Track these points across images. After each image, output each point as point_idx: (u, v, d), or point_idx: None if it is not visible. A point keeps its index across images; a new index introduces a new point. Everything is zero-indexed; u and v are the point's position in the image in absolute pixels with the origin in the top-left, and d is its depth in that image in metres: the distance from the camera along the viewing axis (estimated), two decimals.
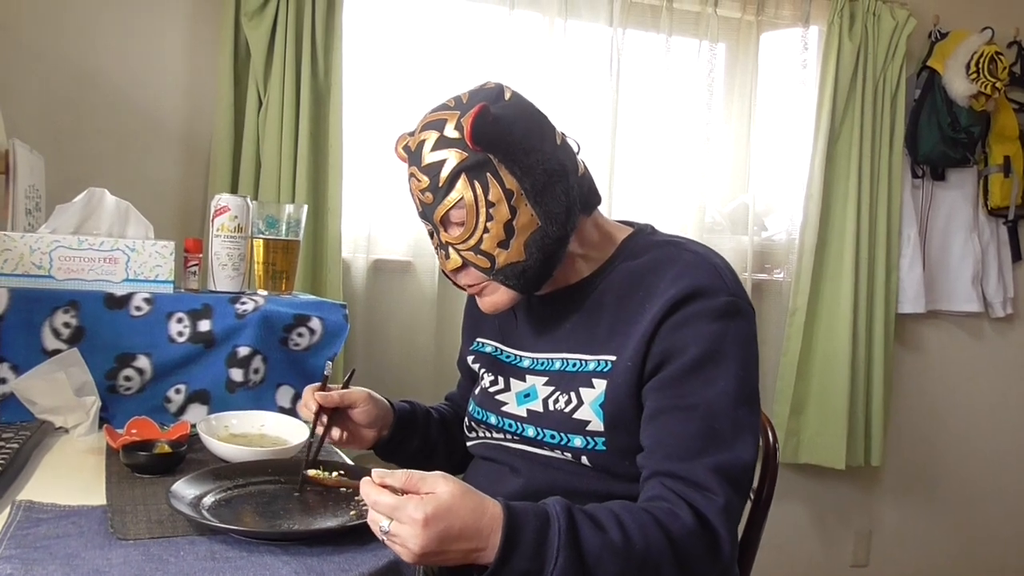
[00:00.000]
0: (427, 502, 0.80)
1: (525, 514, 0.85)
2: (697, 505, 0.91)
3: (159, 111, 2.05)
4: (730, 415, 0.96)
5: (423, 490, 0.82)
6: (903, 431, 2.79)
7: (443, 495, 0.82)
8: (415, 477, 0.83)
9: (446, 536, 0.81)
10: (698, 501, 0.91)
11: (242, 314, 1.44)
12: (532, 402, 1.11)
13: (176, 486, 0.97)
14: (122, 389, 1.38)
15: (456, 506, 0.81)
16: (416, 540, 0.80)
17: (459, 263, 1.06)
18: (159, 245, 1.42)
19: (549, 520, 0.85)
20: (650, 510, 0.91)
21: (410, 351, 2.23)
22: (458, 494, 0.82)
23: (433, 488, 0.82)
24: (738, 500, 0.94)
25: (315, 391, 1.13)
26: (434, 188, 1.02)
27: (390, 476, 0.84)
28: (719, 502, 0.91)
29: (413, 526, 0.80)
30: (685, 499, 0.92)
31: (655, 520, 0.89)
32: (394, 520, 0.82)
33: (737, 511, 0.94)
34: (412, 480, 0.83)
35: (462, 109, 1.01)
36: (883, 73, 2.52)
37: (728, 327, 0.99)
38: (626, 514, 0.89)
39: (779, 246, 2.58)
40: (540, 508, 0.87)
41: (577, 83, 2.34)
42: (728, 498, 0.92)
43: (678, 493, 0.92)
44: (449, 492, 0.82)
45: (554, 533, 0.84)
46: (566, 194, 1.04)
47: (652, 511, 0.90)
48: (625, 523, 0.88)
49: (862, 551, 2.82)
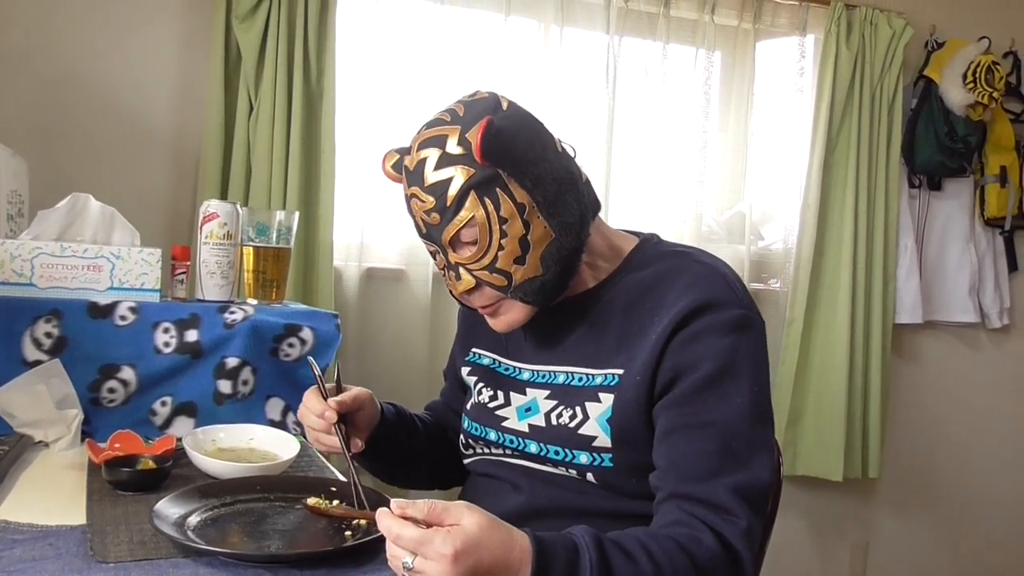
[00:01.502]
0: (455, 535, 0.75)
1: (554, 546, 0.80)
2: (719, 529, 0.88)
3: (148, 115, 2.00)
4: (746, 433, 0.93)
5: (447, 522, 0.77)
6: (900, 442, 2.77)
7: (470, 527, 0.76)
8: (438, 508, 0.77)
9: (475, 572, 0.75)
10: (719, 525, 0.88)
11: (231, 324, 1.39)
12: (534, 416, 1.08)
13: (160, 505, 0.92)
14: (106, 402, 1.33)
15: (485, 539, 0.76)
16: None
17: (472, 283, 1.02)
18: (145, 252, 1.38)
19: (579, 552, 0.81)
20: (674, 536, 0.87)
21: (404, 361, 2.19)
22: (486, 526, 0.77)
23: (458, 520, 0.76)
24: (758, 522, 0.92)
25: (320, 396, 1.06)
26: (441, 208, 0.98)
27: (411, 507, 0.77)
28: (741, 525, 0.89)
29: (441, 562, 0.74)
30: (706, 523, 0.89)
31: (680, 546, 0.86)
32: (419, 556, 0.75)
33: (758, 533, 0.92)
34: (436, 511, 0.77)
35: (461, 124, 0.98)
36: (880, 82, 2.51)
37: (741, 341, 0.96)
38: (652, 542, 0.86)
39: (776, 255, 2.56)
40: (568, 540, 0.83)
41: (573, 91, 2.31)
42: (749, 520, 0.89)
43: (698, 517, 0.89)
44: (476, 524, 0.76)
45: (585, 565, 0.80)
46: (577, 202, 1.01)
47: (676, 537, 0.87)
48: (653, 551, 0.85)
49: (859, 564, 2.79)
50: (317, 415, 1.05)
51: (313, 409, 1.06)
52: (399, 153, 1.07)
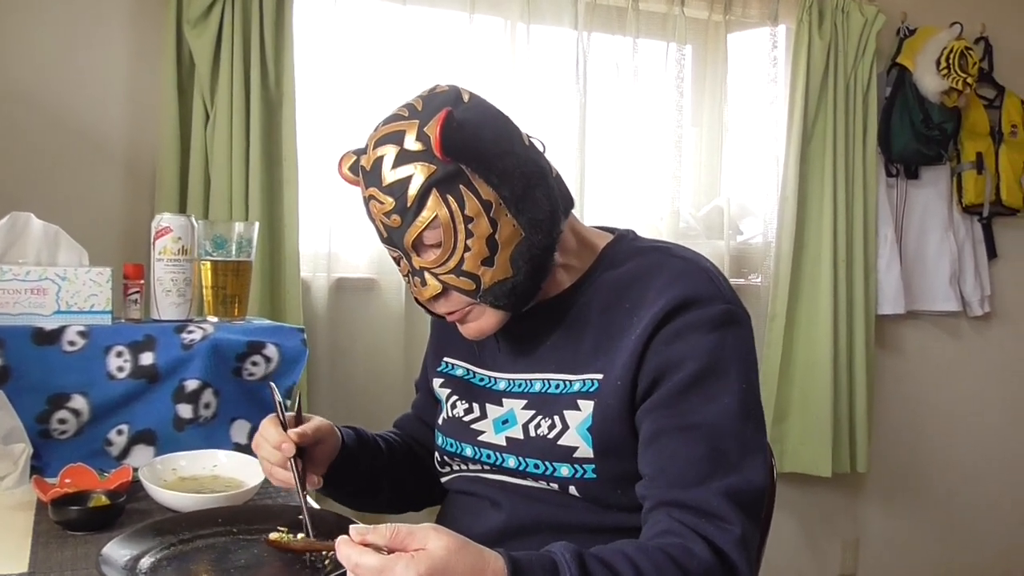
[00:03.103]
0: (419, 560, 0.69)
1: (531, 566, 0.74)
2: (712, 538, 0.82)
3: (98, 127, 1.91)
4: (736, 434, 0.88)
5: (412, 546, 0.71)
6: (886, 435, 2.73)
7: (437, 551, 0.70)
8: (402, 532, 0.71)
9: None
10: (712, 533, 0.83)
11: (189, 344, 1.31)
12: (511, 429, 1.01)
13: (108, 548, 0.84)
14: (56, 433, 1.24)
15: (453, 563, 0.70)
16: None
17: (438, 289, 0.95)
18: (94, 272, 1.29)
19: (558, 570, 0.75)
20: (664, 548, 0.81)
21: (377, 374, 2.11)
22: (454, 548, 0.71)
23: (423, 543, 0.71)
24: (753, 528, 0.86)
25: (278, 426, 0.98)
26: (401, 209, 0.92)
27: (372, 532, 0.71)
28: (735, 532, 0.83)
29: None
30: (698, 532, 0.83)
31: (671, 560, 0.80)
32: None
33: (753, 540, 0.86)
34: (399, 536, 0.71)
35: (420, 118, 0.92)
36: (854, 71, 2.47)
37: (726, 337, 0.91)
38: (640, 555, 0.80)
39: (755, 250, 2.52)
40: (546, 558, 0.76)
41: (543, 89, 2.25)
42: (744, 527, 0.83)
43: (689, 525, 0.83)
44: (444, 547, 0.70)
45: None
46: (547, 197, 0.95)
47: (666, 549, 0.81)
48: (640, 565, 0.78)
49: (850, 559, 2.76)
50: (274, 446, 0.96)
51: (270, 439, 0.97)
52: (356, 154, 1.01)
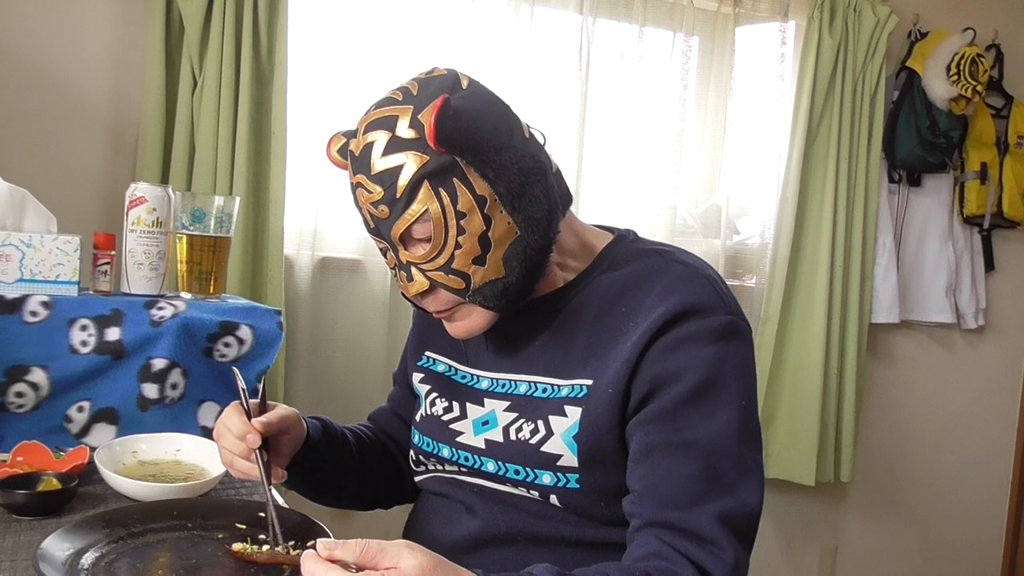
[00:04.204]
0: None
1: None
2: (701, 563, 0.78)
3: (79, 90, 1.83)
4: (733, 453, 0.83)
5: (383, 565, 0.66)
6: (872, 445, 2.70)
7: (409, 570, 0.65)
8: (372, 549, 0.66)
9: None
10: (702, 558, 0.78)
11: (158, 321, 1.25)
12: (491, 431, 0.96)
13: (49, 541, 0.79)
14: (13, 407, 1.18)
15: None
16: None
17: (426, 286, 0.90)
18: (61, 240, 1.23)
19: None
20: (649, 572, 0.77)
21: (358, 359, 2.05)
22: (428, 568, 0.66)
23: (396, 562, 0.65)
24: (746, 554, 0.81)
25: (242, 414, 0.92)
26: (390, 200, 0.86)
27: (340, 548, 0.66)
28: (727, 559, 0.78)
29: None
30: (687, 556, 0.78)
31: None
32: None
33: (745, 568, 0.81)
34: (368, 552, 0.66)
35: (415, 103, 0.86)
36: (863, 72, 2.42)
37: (727, 350, 0.86)
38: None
39: (752, 251, 2.46)
40: None
41: (544, 74, 2.19)
42: (736, 553, 0.79)
43: (679, 549, 0.79)
44: (417, 565, 0.65)
45: None
46: (546, 195, 0.89)
47: (651, 573, 0.77)
48: None
49: (827, 568, 2.73)
50: (238, 436, 0.90)
51: (233, 429, 0.91)
52: (346, 136, 0.95)
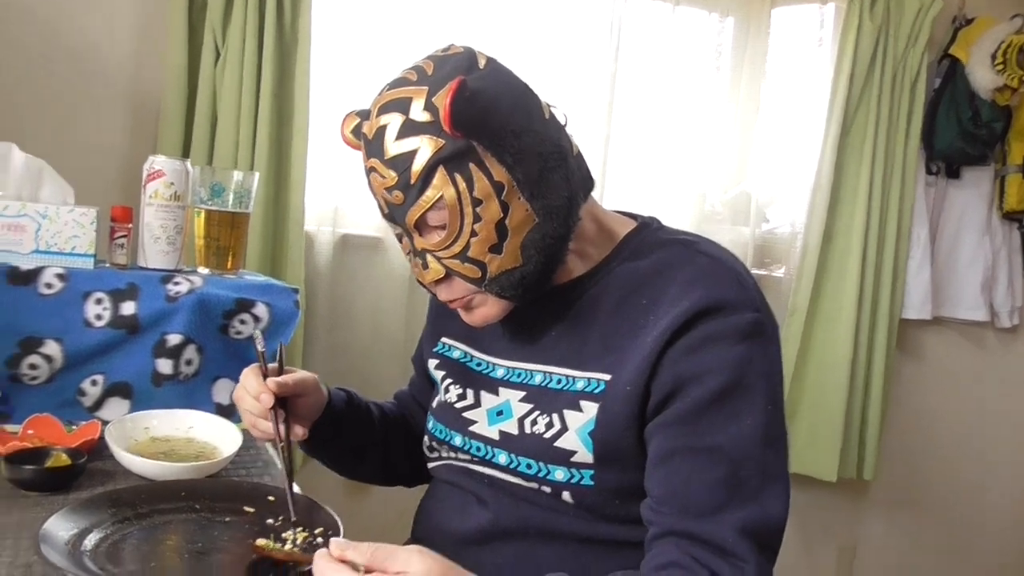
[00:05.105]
0: None
1: None
2: (722, 575, 0.75)
3: (100, 61, 1.80)
4: (758, 460, 0.79)
5: (392, 569, 0.65)
6: (897, 443, 2.63)
7: (417, 574, 0.64)
8: (382, 553, 0.65)
9: None
10: (723, 570, 0.75)
11: (174, 296, 1.23)
12: (505, 421, 0.93)
13: (52, 521, 0.77)
14: (27, 379, 1.17)
15: None
16: None
17: (441, 273, 0.88)
18: (77, 212, 1.21)
19: None
20: None
21: (377, 337, 2.03)
22: (437, 572, 0.65)
23: (405, 567, 0.64)
24: (768, 566, 0.78)
25: (260, 376, 0.92)
26: (404, 186, 0.83)
27: (352, 549, 0.66)
28: (748, 571, 0.75)
29: None
30: (708, 567, 0.75)
31: None
32: None
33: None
34: (379, 556, 0.65)
35: (430, 83, 0.83)
36: (904, 59, 2.33)
37: (753, 350, 0.82)
38: None
39: (781, 240, 2.40)
40: None
41: (572, 51, 2.12)
42: (759, 565, 0.76)
43: (699, 560, 0.76)
44: (425, 570, 0.64)
45: None
46: (566, 181, 0.86)
47: None
48: None
49: (845, 566, 2.68)
50: (253, 396, 0.92)
51: (250, 390, 0.92)
52: (359, 116, 0.92)
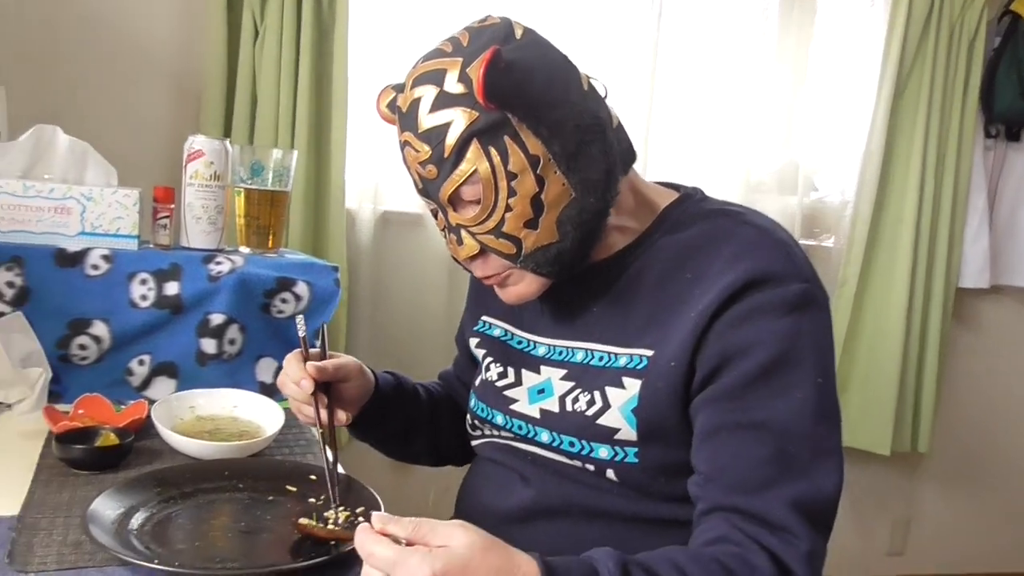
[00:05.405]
0: (437, 556, 0.62)
1: (568, 573, 0.66)
2: (775, 550, 0.72)
3: (143, 41, 1.82)
4: (809, 434, 0.76)
5: (434, 543, 0.64)
6: (952, 415, 2.56)
7: (459, 548, 0.63)
8: (425, 527, 0.64)
9: None
10: (775, 546, 0.73)
11: (216, 276, 1.24)
12: (546, 400, 0.92)
13: (99, 501, 0.79)
14: (76, 359, 1.20)
15: (476, 563, 0.63)
16: None
17: (476, 249, 0.86)
18: (120, 194, 1.23)
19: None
20: (719, 558, 0.72)
21: (420, 314, 2.03)
22: (479, 547, 0.63)
23: (447, 540, 0.64)
24: (822, 543, 0.75)
25: (301, 361, 0.93)
26: (438, 159, 0.82)
27: (393, 523, 0.65)
28: (801, 547, 0.72)
29: None
30: (759, 542, 0.73)
31: (726, 571, 0.71)
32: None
33: (822, 557, 0.75)
34: (421, 530, 0.64)
35: (464, 55, 0.81)
36: (961, 16, 2.22)
37: (803, 322, 0.79)
38: (692, 565, 0.70)
39: (830, 209, 2.33)
40: (586, 565, 0.68)
41: (614, 18, 2.07)
42: (812, 541, 0.73)
43: (749, 535, 0.74)
44: (468, 544, 0.63)
45: None
46: (604, 155, 0.84)
47: (721, 559, 0.72)
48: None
49: (899, 540, 2.63)
50: (295, 382, 0.92)
51: (292, 376, 0.93)
52: (395, 90, 0.90)
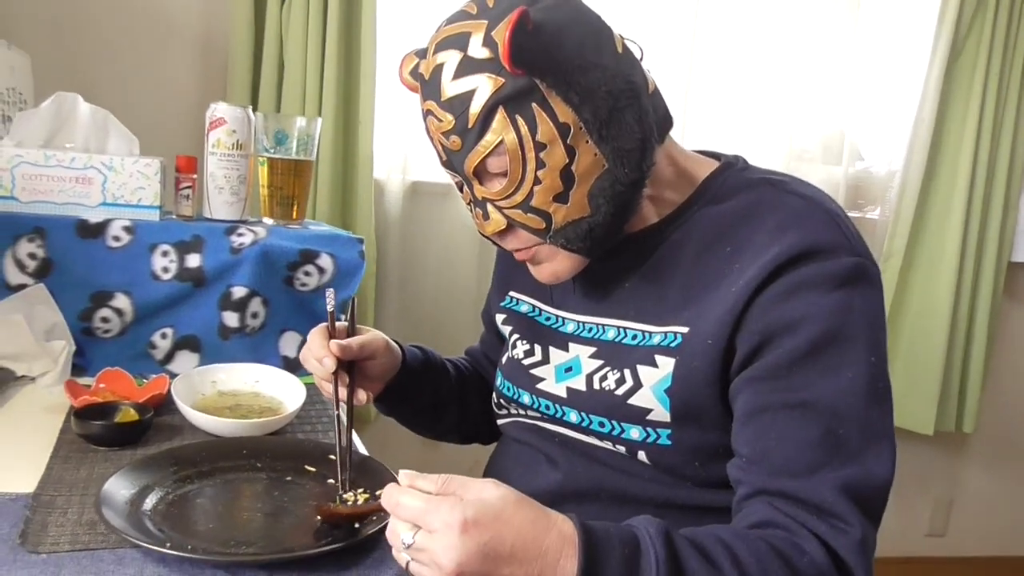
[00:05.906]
0: (468, 504, 0.59)
1: (608, 537, 0.63)
2: (825, 537, 0.68)
3: (167, 6, 1.79)
4: (860, 416, 0.71)
5: (466, 496, 0.61)
6: (1000, 394, 2.46)
7: (490, 498, 0.61)
8: (455, 481, 0.62)
9: (493, 552, 0.59)
10: (825, 532, 0.68)
11: (238, 248, 1.22)
12: (573, 378, 0.88)
13: (113, 480, 0.77)
14: (99, 332, 1.19)
15: (509, 514, 0.60)
16: (450, 553, 0.58)
17: (503, 224, 0.82)
18: (142, 163, 1.20)
19: (640, 548, 0.63)
20: (767, 539, 0.68)
21: (449, 286, 2.00)
22: (512, 500, 0.61)
23: (479, 494, 0.61)
24: (873, 531, 0.70)
25: (325, 337, 0.90)
26: (462, 130, 0.77)
27: (422, 478, 0.63)
28: (853, 535, 0.68)
29: (447, 534, 0.58)
30: (808, 527, 0.68)
31: (775, 552, 0.66)
32: (421, 529, 0.60)
33: (873, 546, 0.71)
34: (450, 485, 0.62)
35: (490, 17, 0.75)
36: None
37: (854, 297, 0.74)
38: (739, 543, 0.66)
39: (877, 179, 2.23)
40: (626, 531, 0.65)
41: None
42: (864, 529, 0.68)
43: (797, 520, 0.69)
44: (500, 496, 0.61)
45: (649, 565, 0.62)
46: (639, 122, 0.78)
47: (769, 540, 0.67)
48: (739, 555, 0.65)
49: (940, 520, 2.56)
50: (317, 359, 0.89)
51: (315, 352, 0.90)
52: (419, 56, 0.85)
